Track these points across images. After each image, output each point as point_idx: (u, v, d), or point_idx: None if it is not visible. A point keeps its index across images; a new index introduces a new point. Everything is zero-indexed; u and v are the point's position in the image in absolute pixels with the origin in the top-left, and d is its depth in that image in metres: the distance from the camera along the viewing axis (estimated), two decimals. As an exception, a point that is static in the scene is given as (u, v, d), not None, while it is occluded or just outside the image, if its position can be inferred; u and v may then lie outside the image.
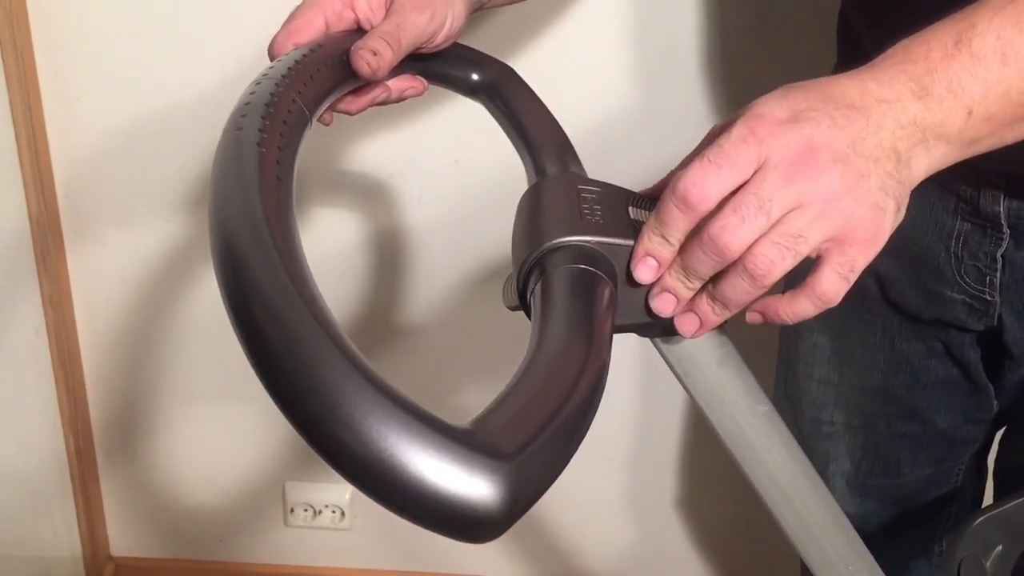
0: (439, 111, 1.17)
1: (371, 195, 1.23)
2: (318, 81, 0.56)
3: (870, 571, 0.66)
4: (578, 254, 0.49)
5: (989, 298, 0.76)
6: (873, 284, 0.82)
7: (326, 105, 0.58)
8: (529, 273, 0.51)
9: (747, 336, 0.61)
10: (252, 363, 0.36)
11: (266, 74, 0.54)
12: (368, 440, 0.33)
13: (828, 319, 0.87)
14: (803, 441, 0.93)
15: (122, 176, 1.24)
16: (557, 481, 0.36)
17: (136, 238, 1.27)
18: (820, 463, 0.92)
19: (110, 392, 1.38)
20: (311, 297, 0.37)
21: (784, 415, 0.96)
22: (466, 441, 0.33)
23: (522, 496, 0.34)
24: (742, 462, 0.60)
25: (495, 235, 1.23)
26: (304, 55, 0.57)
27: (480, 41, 0.72)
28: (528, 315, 0.51)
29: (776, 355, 0.96)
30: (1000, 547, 0.79)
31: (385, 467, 0.33)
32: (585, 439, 0.39)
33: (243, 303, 0.37)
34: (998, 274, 0.75)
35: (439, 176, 1.21)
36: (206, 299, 1.29)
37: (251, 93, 0.51)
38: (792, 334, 0.92)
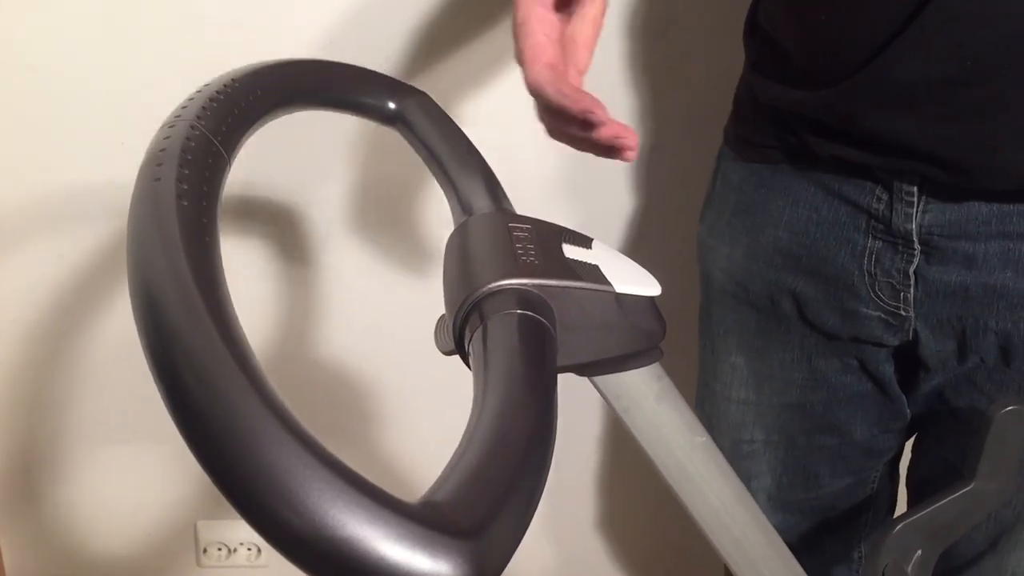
0: (347, 136, 1.15)
1: (280, 224, 1.20)
2: (237, 120, 0.54)
3: (806, 591, 0.66)
4: (516, 298, 0.48)
5: (904, 313, 0.78)
6: (790, 304, 0.83)
7: (241, 146, 0.55)
8: (465, 319, 0.49)
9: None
10: (189, 443, 0.33)
11: (179, 115, 0.51)
12: (323, 527, 0.31)
13: (745, 340, 0.88)
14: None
15: (16, 199, 1.18)
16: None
17: (31, 274, 1.21)
18: (742, 481, 0.93)
19: (8, 437, 1.31)
20: (253, 372, 0.35)
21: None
22: (427, 521, 0.32)
23: (489, 571, 0.33)
24: (680, 493, 0.60)
25: (408, 260, 1.22)
26: (218, 91, 0.55)
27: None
28: (464, 360, 0.50)
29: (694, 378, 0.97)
30: (920, 552, 0.81)
31: (343, 555, 0.31)
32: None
33: (179, 383, 0.34)
34: (911, 290, 0.77)
35: (346, 203, 1.19)
36: (107, 337, 1.24)
37: (165, 137, 0.48)
38: (709, 356, 0.93)
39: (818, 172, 0.79)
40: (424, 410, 1.31)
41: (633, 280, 0.53)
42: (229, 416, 0.33)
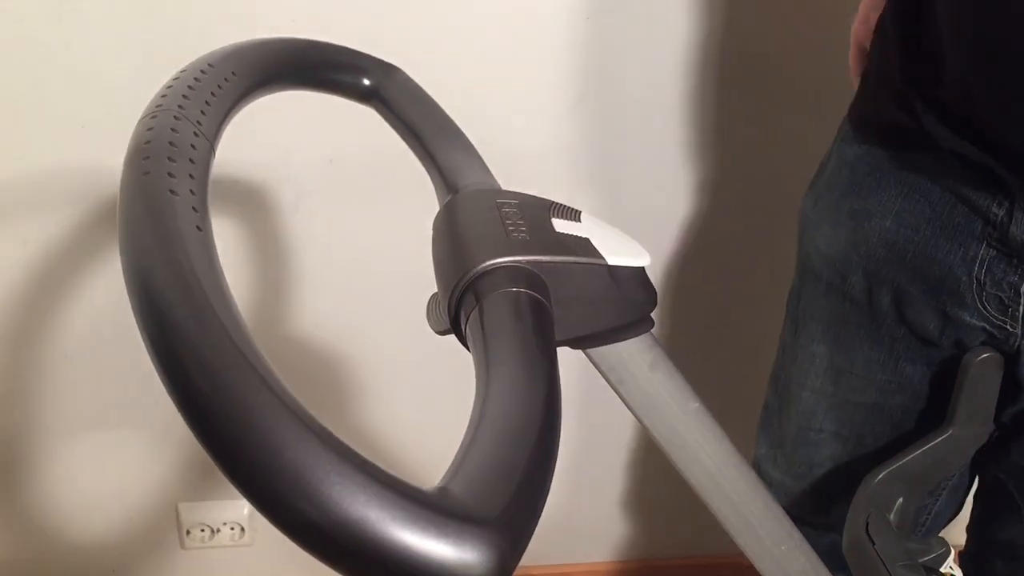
0: (306, 111, 1.13)
1: (246, 205, 1.19)
2: (214, 107, 0.53)
3: (799, 548, 0.67)
4: (511, 276, 0.48)
5: (1011, 329, 0.73)
6: (889, 300, 0.78)
7: (223, 131, 0.54)
8: (460, 299, 0.49)
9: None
10: (204, 444, 0.33)
11: (160, 105, 0.50)
12: (345, 521, 0.31)
13: (831, 331, 0.83)
14: (788, 445, 0.90)
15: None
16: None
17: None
18: (803, 467, 0.90)
19: (-20, 430, 1.30)
20: (263, 367, 0.34)
21: (772, 416, 0.93)
22: (448, 510, 0.32)
23: (513, 555, 0.33)
24: (676, 459, 0.60)
25: (376, 235, 1.21)
26: (196, 78, 0.54)
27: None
28: (461, 340, 0.50)
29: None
30: (901, 499, 0.83)
31: (367, 548, 0.31)
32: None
33: (188, 382, 0.34)
34: (1021, 308, 0.72)
35: (314, 179, 1.18)
36: (77, 323, 1.22)
37: (148, 129, 0.47)
38: (791, 338, 0.88)
39: (938, 164, 0.72)
40: (401, 385, 1.31)
41: (623, 251, 0.53)
42: (244, 416, 0.33)
